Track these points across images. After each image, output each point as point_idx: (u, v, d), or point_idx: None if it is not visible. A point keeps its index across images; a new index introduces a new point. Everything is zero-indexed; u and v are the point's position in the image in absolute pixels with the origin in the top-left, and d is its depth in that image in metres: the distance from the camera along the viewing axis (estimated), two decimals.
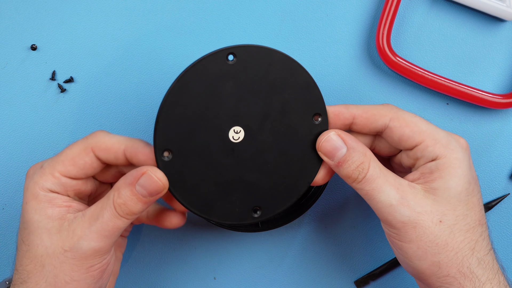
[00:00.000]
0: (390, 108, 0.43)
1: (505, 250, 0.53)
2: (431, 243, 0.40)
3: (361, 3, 0.53)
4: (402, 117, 0.42)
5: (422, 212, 0.40)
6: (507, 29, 0.53)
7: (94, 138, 0.42)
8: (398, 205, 0.40)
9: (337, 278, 0.53)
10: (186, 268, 0.53)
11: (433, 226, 0.40)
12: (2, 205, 0.53)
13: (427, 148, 0.41)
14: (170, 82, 0.53)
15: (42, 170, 0.41)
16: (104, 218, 0.40)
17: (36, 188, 0.41)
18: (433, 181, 0.41)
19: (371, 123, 0.42)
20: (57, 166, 0.41)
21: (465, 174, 0.41)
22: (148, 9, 0.53)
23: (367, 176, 0.41)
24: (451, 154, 0.41)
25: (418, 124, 0.42)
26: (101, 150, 0.41)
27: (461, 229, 0.41)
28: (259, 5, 0.53)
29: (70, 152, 0.42)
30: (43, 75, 0.53)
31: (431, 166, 0.41)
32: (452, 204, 0.41)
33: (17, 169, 0.52)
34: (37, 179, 0.41)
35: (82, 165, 0.41)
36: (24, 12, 0.53)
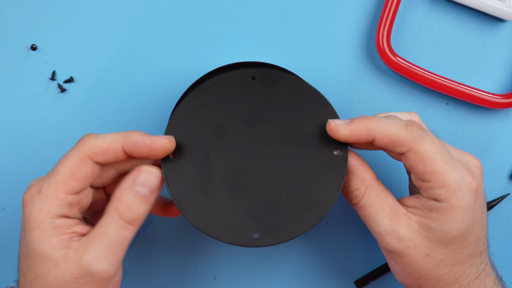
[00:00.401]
0: (412, 134, 0.40)
1: (505, 250, 0.53)
2: (414, 271, 0.41)
3: (361, 3, 0.53)
4: (421, 151, 0.39)
5: (411, 245, 0.40)
6: (507, 29, 0.53)
7: (87, 144, 0.40)
8: (387, 236, 0.41)
9: (337, 278, 0.53)
10: (186, 268, 0.53)
11: (419, 258, 0.41)
12: (2, 205, 0.52)
13: (432, 190, 0.40)
14: (170, 82, 0.53)
15: (43, 196, 0.39)
16: (109, 232, 0.38)
17: (40, 216, 0.39)
18: (430, 220, 0.40)
19: (388, 148, 0.41)
20: (60, 187, 0.39)
21: (464, 219, 0.40)
22: (148, 9, 0.53)
23: (360, 203, 0.41)
24: (455, 202, 0.39)
25: (433, 163, 0.39)
26: (99, 155, 0.40)
27: (448, 264, 0.41)
28: (259, 5, 0.53)
29: (67, 168, 0.39)
30: (43, 75, 0.53)
31: (432, 205, 0.40)
32: (444, 244, 0.41)
33: (17, 169, 0.52)
34: (41, 206, 0.39)
35: (84, 176, 0.40)
36: (24, 12, 0.53)
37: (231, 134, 0.41)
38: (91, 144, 0.40)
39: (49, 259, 0.38)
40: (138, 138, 0.40)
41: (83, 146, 0.40)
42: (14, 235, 0.52)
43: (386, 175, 0.53)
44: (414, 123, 0.40)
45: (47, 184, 0.39)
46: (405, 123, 0.40)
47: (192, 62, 0.53)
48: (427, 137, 0.40)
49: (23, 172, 0.52)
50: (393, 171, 0.53)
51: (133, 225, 0.39)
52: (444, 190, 0.39)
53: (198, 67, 0.53)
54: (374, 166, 0.53)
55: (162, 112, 0.53)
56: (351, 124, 0.40)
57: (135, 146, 0.40)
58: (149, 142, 0.40)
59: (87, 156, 0.39)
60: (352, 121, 0.41)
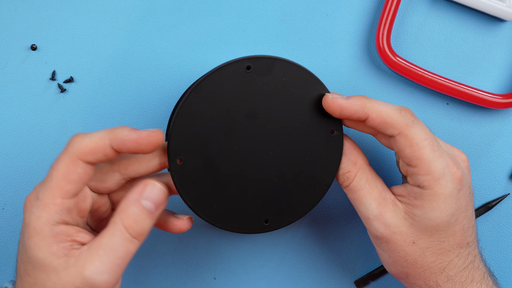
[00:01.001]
0: (404, 118, 0.41)
1: (505, 251, 0.53)
2: (401, 258, 0.42)
3: (361, 3, 0.53)
4: (410, 135, 0.41)
5: (397, 232, 0.42)
6: (507, 29, 0.53)
7: (75, 145, 0.39)
8: (375, 220, 0.42)
9: (337, 278, 0.53)
10: (186, 268, 0.53)
11: (405, 246, 0.42)
12: (2, 205, 0.52)
13: (417, 176, 0.41)
14: (170, 82, 0.53)
15: (40, 202, 0.38)
16: (114, 245, 0.38)
17: (39, 223, 0.38)
18: (414, 207, 0.41)
19: (380, 128, 0.42)
20: (55, 192, 0.38)
21: (447, 208, 0.41)
22: (148, 9, 0.53)
23: (350, 185, 0.43)
24: (438, 189, 0.41)
25: (421, 150, 0.41)
26: (88, 154, 0.39)
27: (434, 252, 0.42)
28: (259, 5, 0.53)
29: (59, 172, 0.38)
30: (43, 75, 0.53)
31: (416, 192, 0.41)
32: (429, 231, 0.41)
33: (17, 169, 0.52)
34: (39, 213, 0.38)
35: (77, 178, 0.39)
36: (24, 12, 0.53)
37: (233, 130, 0.42)
38: (79, 144, 0.39)
39: (48, 267, 0.38)
40: (124, 133, 0.39)
41: (71, 147, 0.39)
42: (14, 235, 0.52)
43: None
44: (408, 109, 0.41)
45: (43, 190, 0.39)
46: (399, 107, 0.41)
47: (192, 62, 0.53)
48: (418, 124, 0.41)
49: (23, 172, 0.52)
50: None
51: (138, 239, 0.39)
52: (428, 177, 0.40)
53: (198, 67, 0.53)
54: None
55: (162, 112, 0.53)
56: (348, 99, 0.42)
57: (122, 142, 0.39)
58: (135, 137, 0.39)
59: (77, 157, 0.39)
60: (349, 97, 0.42)
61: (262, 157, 0.43)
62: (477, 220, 0.53)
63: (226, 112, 0.42)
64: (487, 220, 0.53)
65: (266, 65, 0.42)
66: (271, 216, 0.43)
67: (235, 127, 0.42)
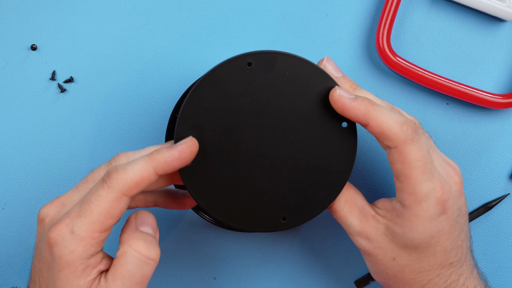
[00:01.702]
0: (404, 134, 0.40)
1: (504, 251, 0.53)
2: (382, 271, 0.43)
3: (361, 3, 0.53)
4: (405, 153, 0.40)
5: (378, 247, 0.42)
6: (507, 29, 0.53)
7: (119, 182, 0.38)
8: (356, 236, 0.43)
9: (337, 278, 0.53)
10: (186, 268, 0.53)
11: (385, 260, 0.43)
12: (2, 205, 0.52)
13: (401, 192, 0.41)
14: (170, 82, 0.53)
15: (77, 237, 0.37)
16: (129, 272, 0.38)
17: (73, 257, 0.38)
18: (395, 225, 0.42)
19: (377, 138, 0.41)
20: (95, 227, 0.38)
21: (427, 230, 0.41)
22: (148, 9, 0.53)
23: (332, 207, 0.43)
24: (419, 211, 0.40)
25: (411, 169, 0.40)
26: (133, 189, 0.38)
27: (413, 270, 0.42)
28: (259, 5, 0.53)
29: (102, 208, 0.38)
30: (43, 75, 0.53)
31: (398, 209, 0.42)
32: (408, 250, 0.42)
33: (17, 169, 0.52)
34: (74, 247, 0.37)
35: (120, 212, 0.38)
36: (24, 12, 0.53)
37: (240, 128, 0.41)
38: (123, 180, 0.38)
39: None
40: (165, 156, 0.39)
41: (115, 183, 0.38)
42: (14, 235, 0.52)
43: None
44: (412, 124, 0.40)
45: (80, 224, 0.38)
46: (403, 121, 0.40)
47: (192, 62, 0.53)
48: (417, 142, 0.40)
49: (23, 172, 0.52)
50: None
51: (154, 260, 0.39)
52: (411, 197, 0.40)
53: (198, 67, 0.53)
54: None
55: (162, 112, 0.53)
56: (354, 101, 0.40)
57: (167, 165, 0.38)
58: (178, 155, 0.39)
59: (123, 194, 0.38)
60: (356, 98, 0.41)
61: (273, 154, 0.42)
62: (477, 220, 0.53)
63: (230, 110, 0.41)
64: (487, 220, 0.53)
65: (267, 60, 0.41)
66: (288, 213, 0.42)
67: (241, 125, 0.41)
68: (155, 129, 0.53)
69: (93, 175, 0.41)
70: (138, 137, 0.53)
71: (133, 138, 0.53)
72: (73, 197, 0.40)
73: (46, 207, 0.40)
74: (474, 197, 0.53)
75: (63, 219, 0.38)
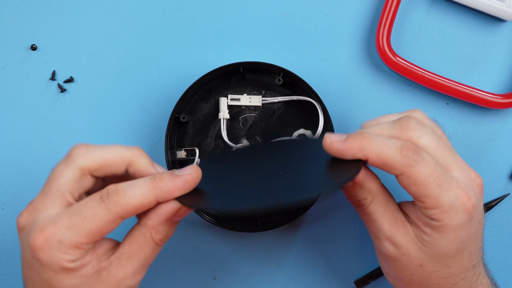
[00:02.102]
0: (406, 159, 0.39)
1: (504, 251, 0.53)
2: (407, 277, 0.42)
3: (361, 3, 0.53)
4: (413, 175, 0.39)
5: (406, 254, 0.41)
6: (507, 29, 0.53)
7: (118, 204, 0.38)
8: (385, 241, 0.41)
9: (337, 278, 0.53)
10: (186, 268, 0.53)
11: (412, 267, 0.41)
12: (2, 205, 0.52)
13: (425, 209, 0.40)
14: (170, 82, 0.53)
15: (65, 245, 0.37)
16: (146, 255, 0.39)
17: (63, 262, 0.37)
18: (424, 233, 0.41)
19: (382, 169, 0.40)
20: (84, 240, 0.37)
21: (457, 237, 0.40)
22: (148, 9, 0.53)
23: (365, 210, 0.42)
24: (448, 221, 0.40)
25: (426, 187, 0.39)
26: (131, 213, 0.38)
27: (440, 276, 0.42)
28: (259, 5, 0.53)
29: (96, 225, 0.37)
30: (43, 75, 0.53)
31: (425, 220, 0.40)
32: (436, 257, 0.41)
33: (17, 169, 0.52)
34: (62, 255, 0.37)
35: (110, 231, 0.38)
36: (24, 12, 0.53)
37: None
38: (123, 205, 0.37)
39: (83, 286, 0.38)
40: (169, 185, 0.38)
41: (114, 207, 0.37)
42: (14, 235, 0.52)
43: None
44: (410, 146, 0.39)
45: (69, 235, 0.37)
46: (400, 145, 0.39)
47: (192, 62, 0.53)
48: (422, 160, 0.39)
49: (23, 172, 0.52)
50: None
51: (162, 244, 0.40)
52: (437, 211, 0.39)
53: (198, 67, 0.53)
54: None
55: (162, 112, 0.53)
56: (345, 142, 0.40)
57: (170, 194, 0.38)
58: (182, 185, 0.38)
59: (120, 217, 0.38)
60: (347, 138, 0.40)
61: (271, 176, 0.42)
62: None
63: None
64: (487, 220, 0.53)
65: None
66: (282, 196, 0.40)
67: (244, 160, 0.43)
68: (155, 129, 0.53)
69: (53, 175, 0.39)
70: (138, 137, 0.53)
71: (133, 138, 0.53)
72: (44, 200, 0.39)
73: (23, 215, 0.39)
74: None
75: (47, 227, 0.37)
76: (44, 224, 0.38)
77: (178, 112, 0.49)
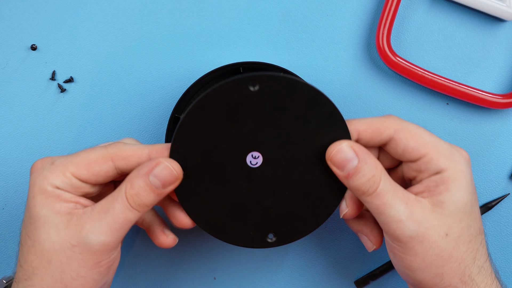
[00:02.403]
0: (393, 119, 0.42)
1: (504, 251, 0.53)
2: (436, 256, 0.41)
3: (361, 3, 0.53)
4: (406, 128, 0.41)
5: (429, 226, 0.40)
6: (507, 29, 0.53)
7: (114, 146, 0.41)
8: (407, 221, 0.40)
9: (337, 278, 0.53)
10: (186, 268, 0.53)
11: (439, 240, 0.40)
12: (2, 205, 0.53)
13: (432, 161, 0.40)
14: (170, 82, 0.53)
15: (53, 167, 0.40)
16: (115, 210, 0.39)
17: (44, 183, 0.39)
18: (440, 194, 0.40)
19: (376, 136, 0.41)
20: (70, 166, 0.40)
21: (469, 185, 0.41)
22: (148, 9, 0.53)
23: (377, 190, 0.40)
24: (456, 166, 0.40)
25: (422, 136, 0.41)
26: (122, 160, 0.41)
27: (465, 240, 0.41)
28: (259, 5, 0.53)
29: (87, 157, 0.40)
30: (43, 75, 0.53)
31: (436, 179, 0.41)
32: (458, 216, 0.41)
33: (17, 169, 0.52)
34: (47, 174, 0.40)
35: (97, 172, 0.40)
36: (24, 12, 0.53)
37: (237, 143, 0.41)
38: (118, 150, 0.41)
39: (50, 224, 0.39)
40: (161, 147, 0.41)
41: (111, 147, 0.41)
42: (14, 235, 0.52)
43: None
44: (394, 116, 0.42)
45: (62, 159, 0.41)
46: (383, 115, 0.42)
47: (192, 62, 0.53)
48: (407, 121, 0.42)
49: (23, 172, 0.52)
50: None
51: (138, 210, 0.39)
52: (442, 158, 0.40)
53: (198, 67, 0.53)
54: None
55: (162, 112, 0.53)
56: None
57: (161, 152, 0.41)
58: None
59: (111, 157, 0.41)
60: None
61: (269, 169, 0.42)
62: None
63: (230, 125, 0.41)
64: (487, 220, 0.53)
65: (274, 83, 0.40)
66: (278, 230, 0.43)
67: (239, 139, 0.41)
68: (155, 129, 0.53)
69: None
70: (138, 137, 0.53)
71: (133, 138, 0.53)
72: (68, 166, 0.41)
73: (41, 159, 0.42)
74: None
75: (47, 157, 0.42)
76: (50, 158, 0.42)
77: (178, 112, 0.49)
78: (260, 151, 0.41)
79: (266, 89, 0.40)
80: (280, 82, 0.40)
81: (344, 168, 0.40)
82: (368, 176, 0.40)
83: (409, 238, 0.40)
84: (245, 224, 0.42)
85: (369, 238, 0.44)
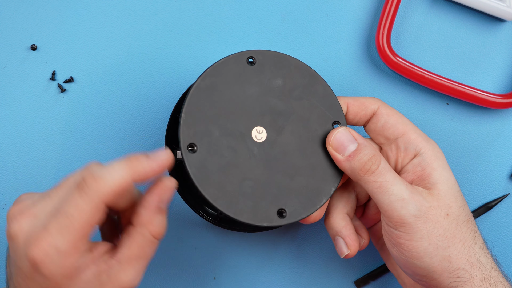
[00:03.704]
0: (378, 99, 0.45)
1: (504, 250, 0.53)
2: (441, 237, 0.41)
3: (361, 3, 0.53)
4: (388, 107, 0.45)
5: (431, 206, 0.41)
6: (507, 29, 0.53)
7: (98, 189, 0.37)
8: (410, 199, 0.41)
9: (337, 278, 0.53)
10: (186, 268, 0.53)
11: (441, 220, 0.41)
12: (2, 205, 0.53)
13: (410, 141, 0.43)
14: (170, 82, 0.53)
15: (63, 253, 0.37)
16: (147, 254, 0.39)
17: (65, 269, 0.37)
18: (430, 176, 0.42)
19: (361, 110, 0.44)
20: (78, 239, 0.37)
21: (444, 161, 0.44)
22: (148, 9, 0.53)
23: (379, 167, 0.41)
24: (434, 148, 0.43)
25: (402, 117, 0.44)
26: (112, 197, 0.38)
27: (464, 219, 0.42)
28: (259, 5, 0.53)
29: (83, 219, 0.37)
30: (43, 75, 0.53)
31: (420, 162, 0.43)
32: (454, 195, 0.42)
33: (17, 169, 0.52)
34: (63, 262, 0.37)
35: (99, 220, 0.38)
36: (24, 12, 0.53)
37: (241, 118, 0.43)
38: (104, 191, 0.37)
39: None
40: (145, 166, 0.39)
41: (93, 192, 0.37)
42: None
43: None
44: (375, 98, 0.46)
45: (64, 241, 0.37)
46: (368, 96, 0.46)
47: (192, 62, 0.53)
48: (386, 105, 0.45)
49: (23, 172, 0.52)
50: None
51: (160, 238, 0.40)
52: (420, 139, 0.43)
53: (198, 67, 0.53)
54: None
55: (162, 112, 0.53)
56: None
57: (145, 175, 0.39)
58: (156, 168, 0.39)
59: (101, 201, 0.37)
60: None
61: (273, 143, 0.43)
62: (477, 220, 0.53)
63: (232, 100, 0.43)
64: (487, 220, 0.53)
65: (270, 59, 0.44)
66: (288, 207, 0.42)
67: (243, 114, 0.43)
68: (155, 129, 0.53)
69: (67, 183, 0.39)
70: (138, 137, 0.53)
71: (133, 138, 0.53)
72: (46, 207, 0.38)
73: (18, 222, 0.38)
74: (474, 197, 0.53)
75: (43, 237, 0.37)
76: (37, 233, 0.37)
77: (178, 112, 0.49)
78: (263, 125, 0.43)
79: (262, 64, 0.43)
80: (279, 59, 0.44)
81: (345, 150, 0.42)
82: (369, 155, 0.42)
83: (414, 218, 0.41)
84: (260, 200, 0.42)
85: (346, 240, 0.44)
